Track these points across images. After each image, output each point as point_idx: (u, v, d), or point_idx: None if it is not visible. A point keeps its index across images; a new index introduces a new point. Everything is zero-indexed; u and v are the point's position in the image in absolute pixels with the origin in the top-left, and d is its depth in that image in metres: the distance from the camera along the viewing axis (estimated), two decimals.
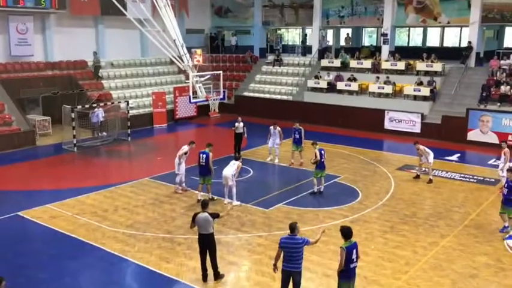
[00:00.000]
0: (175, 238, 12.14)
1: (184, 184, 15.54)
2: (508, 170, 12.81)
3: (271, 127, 18.82)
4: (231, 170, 14.23)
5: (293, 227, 8.56)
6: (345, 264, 8.10)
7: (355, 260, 8.22)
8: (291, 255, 8.46)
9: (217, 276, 10.05)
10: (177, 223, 13.10)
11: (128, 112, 23.52)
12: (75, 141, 21.06)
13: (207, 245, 9.87)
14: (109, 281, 10.26)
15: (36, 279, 10.25)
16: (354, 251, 8.19)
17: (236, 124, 19.76)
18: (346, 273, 8.18)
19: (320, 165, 15.14)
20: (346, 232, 8.24)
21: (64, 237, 12.29)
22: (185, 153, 15.24)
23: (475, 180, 16.92)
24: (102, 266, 10.86)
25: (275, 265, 8.66)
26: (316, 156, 15.07)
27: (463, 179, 17.12)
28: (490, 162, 19.05)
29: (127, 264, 10.89)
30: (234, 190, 14.30)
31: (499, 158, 17.16)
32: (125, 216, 13.59)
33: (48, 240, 12.21)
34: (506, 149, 15.84)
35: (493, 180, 16.72)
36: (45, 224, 13.04)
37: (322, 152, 15.25)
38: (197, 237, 9.97)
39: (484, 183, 16.56)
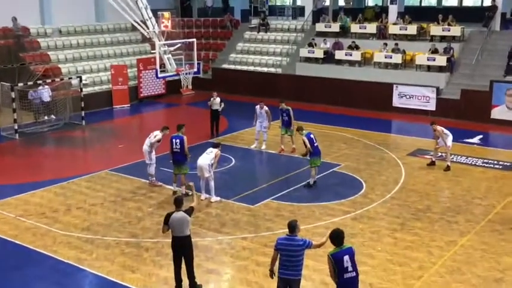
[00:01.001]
0: (142, 242, 12.14)
1: (155, 178, 15.60)
2: None
3: (257, 107, 18.80)
4: (207, 159, 14.22)
5: (293, 226, 8.58)
6: (338, 275, 7.99)
7: (350, 269, 8.01)
8: (289, 259, 8.47)
9: (194, 287, 10.09)
10: (144, 224, 13.10)
11: (81, 90, 23.30)
12: (16, 127, 20.89)
13: (183, 250, 9.89)
14: None
15: None
16: (346, 258, 7.99)
17: (211, 99, 19.89)
18: (342, 286, 8.06)
19: (315, 151, 15.20)
20: (334, 237, 8.11)
21: (6, 243, 12.20)
22: (158, 141, 15.30)
23: (501, 167, 17.15)
24: (53, 278, 10.83)
25: (272, 270, 8.70)
26: (306, 145, 15.10)
27: (486, 165, 17.35)
28: None
29: (84, 274, 10.87)
30: (212, 183, 14.33)
31: None
32: (80, 218, 13.55)
33: None
34: None
35: None
36: None
37: (311, 136, 15.30)
38: (170, 241, 9.99)
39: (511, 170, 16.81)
